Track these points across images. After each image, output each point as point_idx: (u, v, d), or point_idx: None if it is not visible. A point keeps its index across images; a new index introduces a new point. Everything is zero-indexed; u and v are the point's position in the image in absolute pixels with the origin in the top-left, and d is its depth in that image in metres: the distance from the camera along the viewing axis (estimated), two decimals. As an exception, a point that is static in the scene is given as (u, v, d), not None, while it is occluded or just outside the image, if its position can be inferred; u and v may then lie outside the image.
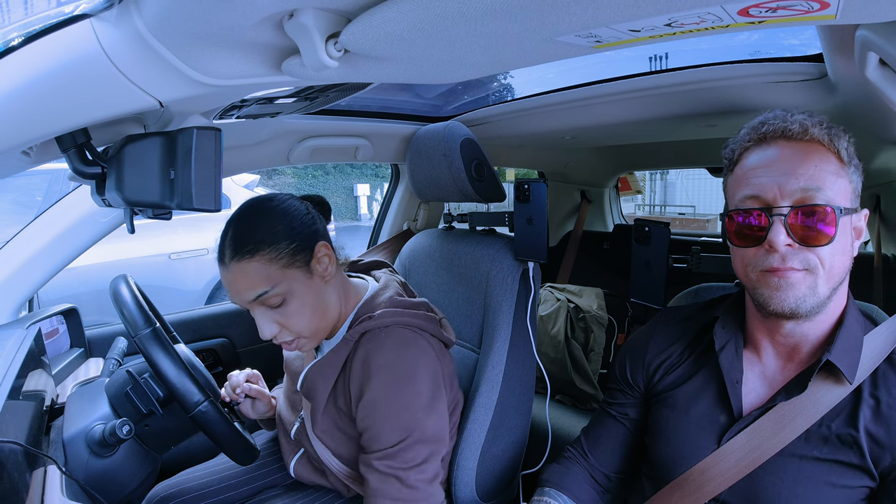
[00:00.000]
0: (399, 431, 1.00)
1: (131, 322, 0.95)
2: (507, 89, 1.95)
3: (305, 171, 15.41)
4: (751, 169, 0.86)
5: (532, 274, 1.41)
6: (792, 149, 0.83)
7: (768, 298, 0.83)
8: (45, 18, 0.69)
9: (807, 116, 0.84)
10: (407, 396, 1.02)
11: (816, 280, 0.81)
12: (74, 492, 0.87)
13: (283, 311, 1.03)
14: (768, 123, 0.85)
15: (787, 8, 0.55)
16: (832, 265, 0.81)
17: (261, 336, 1.04)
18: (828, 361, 0.83)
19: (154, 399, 1.00)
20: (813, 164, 0.81)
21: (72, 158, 0.89)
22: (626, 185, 3.07)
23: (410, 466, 1.00)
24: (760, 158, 0.85)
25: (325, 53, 0.68)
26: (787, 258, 0.81)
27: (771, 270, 0.82)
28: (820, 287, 0.81)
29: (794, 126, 0.83)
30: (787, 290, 0.81)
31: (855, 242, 0.85)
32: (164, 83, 0.75)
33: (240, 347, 1.93)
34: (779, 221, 0.80)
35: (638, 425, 1.10)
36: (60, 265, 1.42)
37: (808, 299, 0.81)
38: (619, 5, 0.55)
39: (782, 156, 0.83)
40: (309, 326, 1.06)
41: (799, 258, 0.81)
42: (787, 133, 0.83)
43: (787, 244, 0.81)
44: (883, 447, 0.80)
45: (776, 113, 0.86)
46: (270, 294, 1.00)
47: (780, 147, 0.84)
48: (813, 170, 0.81)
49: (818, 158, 0.81)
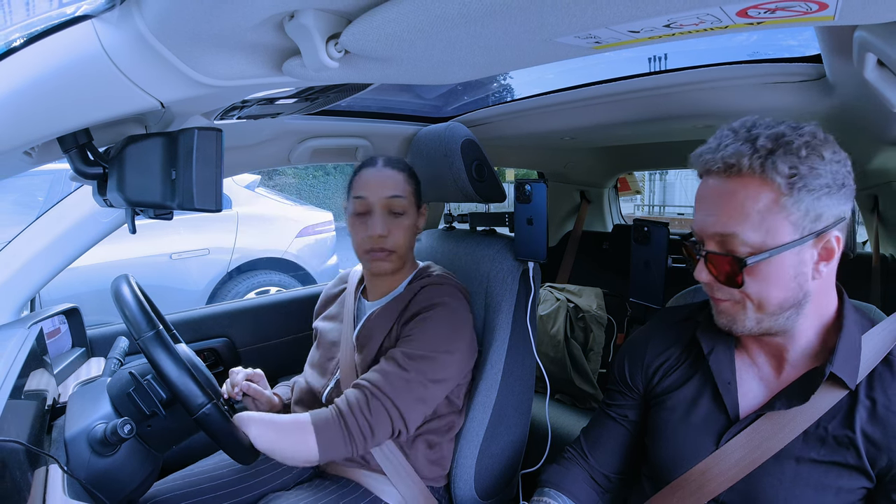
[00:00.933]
0: (432, 345, 1.18)
1: (134, 324, 0.95)
2: (507, 90, 1.95)
3: (306, 171, 15.40)
4: (696, 199, 0.88)
5: (532, 274, 1.41)
6: (720, 185, 0.82)
7: (713, 315, 0.91)
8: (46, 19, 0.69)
9: (741, 144, 0.79)
10: (451, 328, 1.21)
11: (745, 310, 0.85)
12: (76, 491, 0.87)
13: (396, 222, 1.27)
14: (702, 156, 0.84)
15: (786, 9, 0.55)
16: (761, 299, 0.82)
17: (372, 231, 1.25)
18: (831, 373, 0.83)
19: (157, 401, 1.01)
20: (734, 205, 0.80)
21: (73, 159, 0.90)
22: (626, 185, 3.08)
23: (420, 375, 1.15)
24: (701, 191, 0.87)
25: (326, 54, 0.68)
26: (714, 289, 0.87)
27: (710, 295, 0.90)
28: (750, 315, 0.85)
29: (717, 164, 0.81)
30: (719, 314, 0.89)
31: (822, 265, 0.81)
32: (166, 84, 0.75)
33: (241, 347, 1.93)
34: (701, 262, 0.86)
35: (637, 427, 1.10)
36: (62, 265, 1.43)
37: (739, 323, 0.86)
38: (618, 6, 0.55)
39: (711, 192, 0.84)
40: (403, 245, 1.29)
41: (723, 291, 0.86)
42: (714, 170, 0.82)
43: (710, 280, 0.86)
44: (879, 448, 0.81)
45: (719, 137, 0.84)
46: (400, 201, 1.27)
47: (712, 181, 0.83)
48: (729, 214, 0.80)
49: (743, 197, 0.79)
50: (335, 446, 1.09)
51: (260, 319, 1.99)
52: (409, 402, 1.14)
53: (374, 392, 1.13)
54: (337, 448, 1.10)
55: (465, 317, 1.25)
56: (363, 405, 1.12)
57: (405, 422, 1.14)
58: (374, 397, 1.13)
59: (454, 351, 1.21)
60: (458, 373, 1.24)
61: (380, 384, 1.14)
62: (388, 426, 1.13)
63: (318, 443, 1.08)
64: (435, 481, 1.31)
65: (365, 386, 1.15)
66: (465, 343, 1.24)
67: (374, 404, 1.12)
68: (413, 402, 1.14)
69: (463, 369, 1.26)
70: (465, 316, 1.26)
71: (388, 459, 1.24)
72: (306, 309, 2.05)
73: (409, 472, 1.25)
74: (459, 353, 1.22)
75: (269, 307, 2.04)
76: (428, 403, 1.18)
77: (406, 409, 1.13)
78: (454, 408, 1.31)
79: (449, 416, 1.30)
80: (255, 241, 4.50)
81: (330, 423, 1.10)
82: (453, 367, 1.21)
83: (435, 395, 1.19)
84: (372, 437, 1.11)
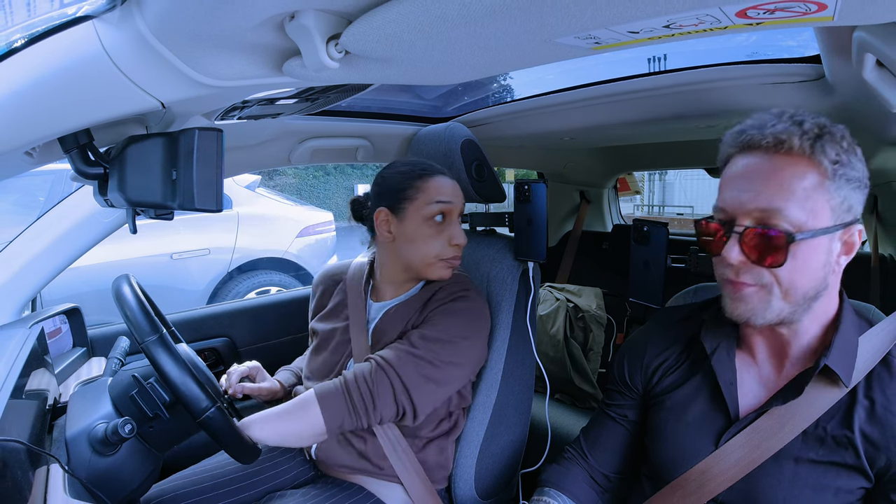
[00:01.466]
0: (448, 331, 1.20)
1: (137, 327, 0.95)
2: (506, 90, 1.96)
3: (307, 171, 15.41)
4: (725, 179, 0.85)
5: (532, 274, 1.41)
6: (764, 162, 0.80)
7: (726, 303, 0.87)
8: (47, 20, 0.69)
9: (790, 125, 0.79)
10: (472, 318, 1.24)
11: (770, 297, 0.82)
12: (77, 490, 0.87)
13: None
14: (746, 133, 0.83)
15: (785, 9, 0.55)
16: (790, 285, 0.80)
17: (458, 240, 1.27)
18: (825, 366, 0.83)
19: (160, 403, 1.01)
20: (781, 181, 0.78)
21: (74, 159, 0.90)
22: (625, 185, 3.07)
23: (431, 355, 1.16)
24: (735, 169, 0.83)
25: (326, 55, 0.68)
26: (741, 272, 0.82)
27: (728, 280, 0.84)
28: (774, 303, 0.82)
29: (767, 139, 0.79)
30: (738, 302, 0.84)
31: (842, 258, 0.83)
32: (166, 84, 0.75)
33: (241, 347, 1.94)
34: (734, 238, 0.81)
35: (637, 427, 1.11)
36: (63, 265, 1.43)
37: (760, 313, 0.83)
38: (617, 7, 0.55)
39: (752, 170, 0.81)
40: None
41: (752, 274, 0.81)
42: (762, 145, 0.80)
43: (741, 261, 0.81)
44: (878, 448, 0.81)
45: (760, 117, 0.83)
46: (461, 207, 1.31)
47: (754, 159, 0.81)
48: (777, 188, 0.78)
49: (790, 174, 0.78)
50: (339, 415, 1.11)
51: (260, 319, 1.99)
52: (415, 379, 1.14)
53: (379, 363, 1.15)
54: (341, 417, 1.11)
55: (485, 312, 1.29)
56: (367, 374, 1.13)
57: (411, 399, 1.14)
58: (379, 368, 1.14)
59: (471, 338, 1.22)
60: (474, 361, 1.26)
61: (387, 357, 1.15)
62: (390, 400, 1.13)
63: (323, 414, 1.09)
64: (439, 483, 1.31)
65: (374, 359, 1.16)
66: (481, 335, 1.27)
67: (377, 374, 1.13)
68: (420, 380, 1.14)
69: (478, 360, 1.28)
70: (485, 311, 1.29)
71: (401, 462, 1.23)
72: (307, 309, 2.06)
73: (421, 477, 1.25)
74: (474, 342, 1.24)
75: (270, 307, 2.04)
76: (439, 385, 1.18)
77: (412, 386, 1.14)
78: (465, 402, 1.32)
79: (457, 414, 1.30)
80: (256, 241, 4.51)
81: (333, 393, 1.12)
82: (468, 354, 1.22)
83: (448, 379, 1.19)
84: (374, 409, 1.12)
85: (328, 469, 1.31)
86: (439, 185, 1.26)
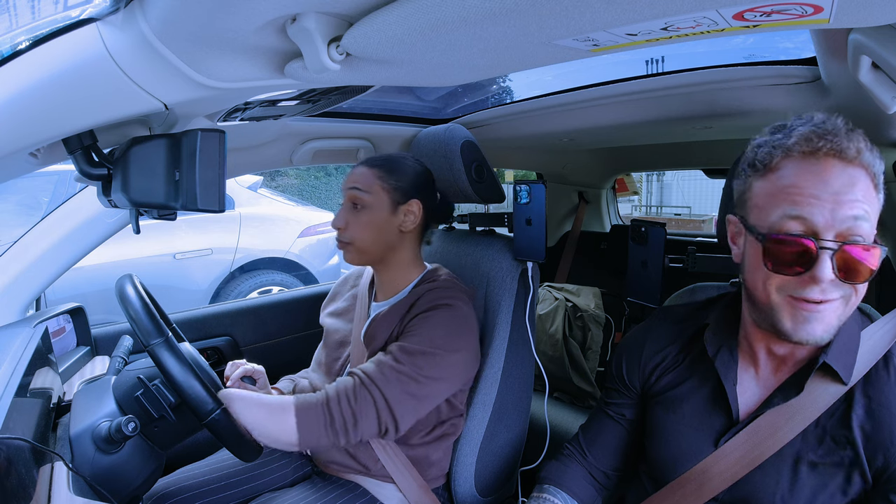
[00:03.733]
0: (430, 342, 1.15)
1: (142, 330, 0.95)
2: (506, 92, 1.96)
3: (308, 172, 15.39)
4: (795, 185, 0.76)
5: (531, 274, 1.42)
6: (843, 171, 0.74)
7: (793, 328, 0.79)
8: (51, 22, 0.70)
9: (861, 135, 0.76)
10: (454, 328, 1.19)
11: (846, 310, 0.79)
12: (81, 488, 0.88)
13: (355, 216, 1.26)
14: (825, 139, 0.75)
15: (782, 12, 0.55)
16: (861, 293, 0.79)
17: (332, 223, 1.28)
18: (824, 363, 0.84)
19: (166, 405, 1.02)
20: (860, 190, 0.74)
21: (78, 160, 0.91)
22: (623, 186, 3.08)
23: (415, 370, 1.12)
24: (809, 176, 0.75)
25: (327, 57, 0.69)
26: (827, 291, 0.76)
27: (806, 300, 0.77)
28: (846, 314, 0.79)
29: (850, 150, 0.74)
30: (817, 323, 0.77)
31: None
32: (169, 86, 0.76)
33: (243, 346, 1.94)
34: (827, 255, 0.74)
35: (635, 425, 1.11)
36: (67, 265, 1.44)
37: (834, 328, 0.78)
38: (615, 10, 0.56)
39: (834, 178, 0.74)
40: (363, 239, 1.26)
41: (837, 292, 0.77)
42: (842, 154, 0.74)
43: (831, 279, 0.75)
44: (876, 447, 0.81)
45: (832, 123, 0.77)
46: (358, 193, 1.26)
47: (832, 167, 0.74)
48: (861, 199, 0.74)
49: (863, 185, 0.74)
50: (315, 432, 1.06)
51: (262, 318, 2.00)
52: (398, 396, 1.10)
53: (363, 380, 1.11)
54: (317, 434, 1.06)
55: (470, 322, 1.22)
56: (349, 392, 1.09)
57: (394, 416, 1.10)
58: (363, 385, 1.10)
59: (455, 350, 1.17)
60: (459, 375, 1.21)
61: (371, 373, 1.11)
62: (373, 418, 1.09)
63: (298, 426, 1.05)
64: (436, 481, 1.32)
65: (356, 373, 1.13)
66: (468, 346, 1.21)
67: (360, 393, 1.09)
68: (403, 396, 1.11)
69: (465, 373, 1.23)
70: (471, 321, 1.23)
71: (392, 462, 1.24)
72: (308, 308, 2.07)
73: (414, 476, 1.25)
74: (460, 355, 1.19)
75: (272, 306, 2.05)
76: (421, 401, 1.14)
77: (395, 403, 1.10)
78: (456, 412, 1.30)
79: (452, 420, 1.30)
80: (258, 242, 4.52)
81: (312, 407, 1.07)
82: (453, 368, 1.17)
83: (431, 394, 1.16)
84: (355, 428, 1.08)
85: (324, 466, 1.32)
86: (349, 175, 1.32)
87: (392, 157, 1.33)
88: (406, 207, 1.28)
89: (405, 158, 1.34)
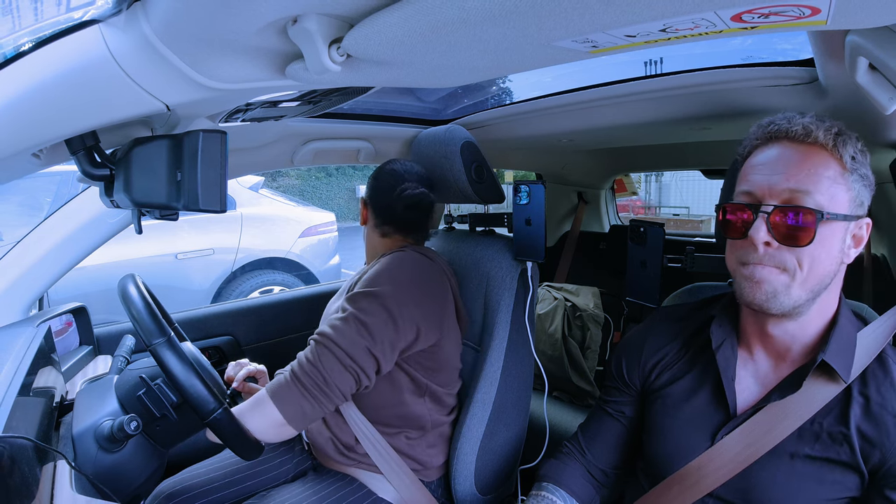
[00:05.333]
0: (370, 284, 1.18)
1: (144, 329, 0.96)
2: (505, 93, 1.96)
3: (309, 172, 15.43)
4: (751, 166, 0.88)
5: (530, 273, 1.42)
6: (793, 150, 0.84)
7: (743, 289, 0.86)
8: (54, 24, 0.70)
9: (814, 120, 0.84)
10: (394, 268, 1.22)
11: (791, 281, 0.83)
12: (83, 486, 0.89)
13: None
14: (774, 123, 0.87)
15: (780, 14, 0.56)
16: (811, 269, 0.82)
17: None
18: (823, 361, 0.84)
19: (168, 404, 1.02)
20: (808, 167, 0.81)
21: (81, 161, 0.91)
22: (622, 186, 3.08)
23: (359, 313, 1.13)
24: (761, 157, 0.87)
25: (328, 58, 0.69)
26: (766, 256, 0.83)
27: (749, 263, 0.85)
28: (794, 289, 0.83)
29: (796, 127, 0.84)
30: (759, 284, 0.84)
31: (852, 250, 0.85)
32: (171, 87, 0.76)
33: (245, 345, 1.95)
34: (762, 218, 0.82)
35: (634, 422, 1.12)
36: (70, 265, 1.44)
37: (778, 297, 0.83)
38: (614, 11, 0.56)
39: (781, 156, 0.84)
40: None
41: (776, 258, 0.83)
42: (790, 134, 0.84)
43: (766, 242, 0.82)
44: (873, 445, 0.82)
45: (787, 114, 0.87)
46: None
47: (783, 147, 0.85)
48: (806, 172, 0.81)
49: (816, 162, 0.82)
50: (297, 406, 1.07)
51: (263, 318, 2.01)
52: (351, 340, 1.11)
53: (317, 340, 1.12)
54: (300, 407, 1.07)
55: (416, 265, 1.24)
56: (309, 355, 1.11)
57: (355, 362, 1.10)
58: (319, 344, 1.11)
59: (400, 285, 1.18)
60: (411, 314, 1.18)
61: (322, 331, 1.13)
62: (340, 370, 1.09)
63: (280, 409, 1.06)
64: (429, 476, 1.32)
65: (313, 337, 1.14)
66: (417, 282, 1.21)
67: (318, 351, 1.10)
68: (356, 338, 1.11)
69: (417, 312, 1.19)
70: (418, 265, 1.24)
71: (381, 457, 1.25)
72: (309, 308, 2.08)
73: (404, 469, 1.26)
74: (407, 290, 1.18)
75: (273, 306, 2.06)
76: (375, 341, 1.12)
77: (351, 348, 1.10)
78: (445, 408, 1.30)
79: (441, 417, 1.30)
80: (259, 242, 4.53)
81: (283, 385, 1.09)
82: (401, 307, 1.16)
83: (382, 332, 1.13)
84: (328, 387, 1.09)
85: (324, 460, 1.34)
86: None
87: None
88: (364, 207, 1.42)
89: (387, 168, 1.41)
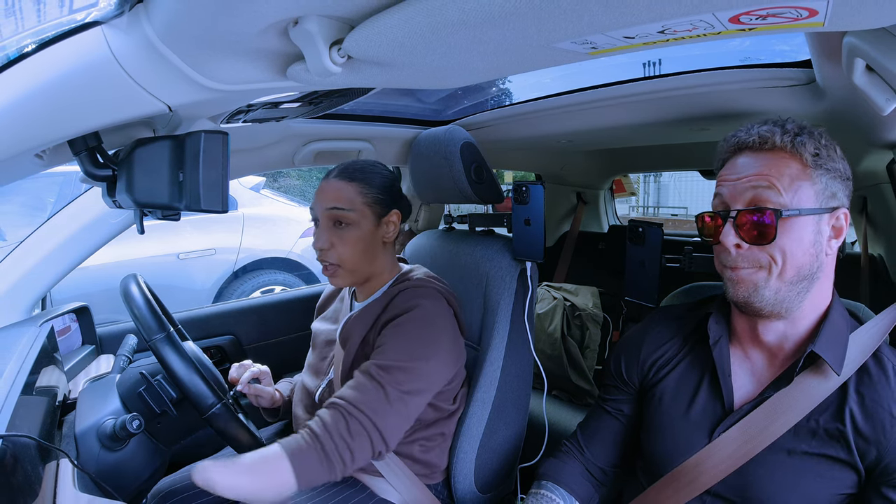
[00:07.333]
0: (406, 354, 1.11)
1: (145, 326, 0.97)
2: (505, 94, 1.96)
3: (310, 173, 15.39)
4: (721, 177, 0.93)
5: (530, 273, 1.42)
6: (754, 158, 0.89)
7: (728, 289, 0.92)
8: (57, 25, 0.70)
9: (771, 127, 0.89)
10: (426, 334, 1.15)
11: (769, 276, 0.87)
12: (86, 484, 0.89)
13: (340, 234, 1.22)
14: (736, 136, 0.93)
15: (777, 15, 0.56)
16: (786, 262, 0.85)
17: (314, 245, 1.23)
18: (812, 353, 0.86)
19: (167, 400, 1.03)
20: (768, 168, 0.86)
21: (84, 161, 0.91)
22: (621, 186, 3.09)
23: (398, 386, 1.09)
24: (728, 167, 0.93)
25: (329, 59, 0.69)
26: (740, 257, 0.88)
27: (727, 266, 0.91)
28: (773, 281, 0.87)
29: (753, 137, 0.89)
30: (738, 284, 0.89)
31: (832, 241, 0.88)
32: (173, 88, 0.77)
33: (246, 344, 1.96)
34: (730, 223, 0.88)
35: (632, 420, 1.13)
36: (72, 265, 1.45)
37: (759, 291, 0.87)
38: (613, 13, 0.56)
39: (744, 164, 0.90)
40: (351, 258, 1.23)
41: (748, 258, 0.88)
42: (749, 144, 0.90)
43: (736, 244, 0.88)
44: (868, 441, 0.83)
45: (748, 125, 0.93)
46: (341, 212, 1.21)
47: (745, 157, 0.90)
48: (766, 175, 0.86)
49: (776, 163, 0.86)
50: (313, 471, 0.99)
51: (265, 317, 2.02)
52: (386, 418, 1.06)
53: (351, 412, 1.04)
54: (315, 473, 0.99)
55: (443, 320, 1.18)
56: (342, 427, 1.03)
57: (385, 441, 1.06)
58: (353, 417, 1.04)
59: (430, 357, 1.13)
60: (437, 380, 1.17)
61: (357, 402, 1.05)
62: (368, 448, 1.04)
63: (295, 471, 0.96)
64: (432, 478, 1.33)
65: (341, 405, 1.06)
66: (444, 348, 1.17)
67: (353, 426, 1.03)
68: (392, 418, 1.07)
69: (443, 375, 1.19)
70: (444, 319, 1.19)
71: (384, 462, 1.24)
72: (310, 307, 2.07)
73: (406, 474, 1.26)
74: (437, 360, 1.15)
75: (274, 305, 2.07)
76: (408, 417, 1.11)
77: (386, 429, 1.06)
78: (442, 413, 1.29)
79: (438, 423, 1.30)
80: (261, 242, 4.54)
81: (304, 449, 0.99)
82: (431, 377, 1.14)
83: (416, 406, 1.12)
84: (352, 461, 1.02)
85: None
86: (318, 190, 1.25)
87: (364, 167, 1.28)
88: (387, 219, 1.27)
89: (375, 166, 1.30)
